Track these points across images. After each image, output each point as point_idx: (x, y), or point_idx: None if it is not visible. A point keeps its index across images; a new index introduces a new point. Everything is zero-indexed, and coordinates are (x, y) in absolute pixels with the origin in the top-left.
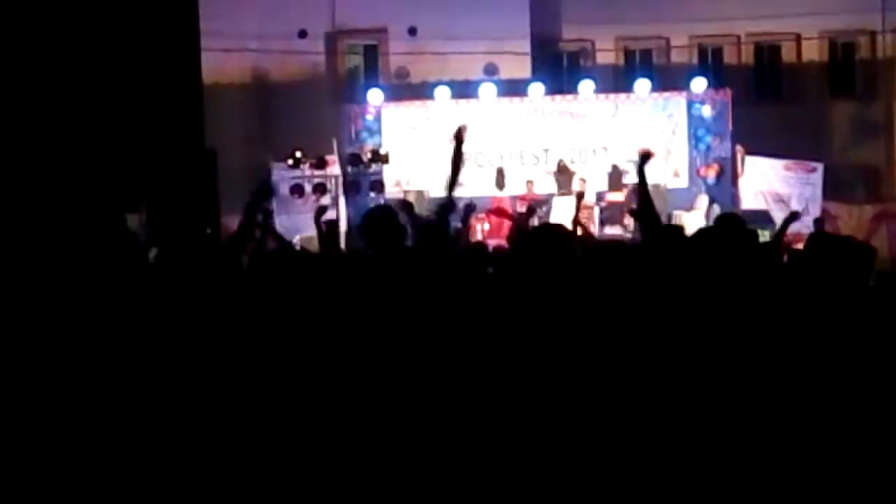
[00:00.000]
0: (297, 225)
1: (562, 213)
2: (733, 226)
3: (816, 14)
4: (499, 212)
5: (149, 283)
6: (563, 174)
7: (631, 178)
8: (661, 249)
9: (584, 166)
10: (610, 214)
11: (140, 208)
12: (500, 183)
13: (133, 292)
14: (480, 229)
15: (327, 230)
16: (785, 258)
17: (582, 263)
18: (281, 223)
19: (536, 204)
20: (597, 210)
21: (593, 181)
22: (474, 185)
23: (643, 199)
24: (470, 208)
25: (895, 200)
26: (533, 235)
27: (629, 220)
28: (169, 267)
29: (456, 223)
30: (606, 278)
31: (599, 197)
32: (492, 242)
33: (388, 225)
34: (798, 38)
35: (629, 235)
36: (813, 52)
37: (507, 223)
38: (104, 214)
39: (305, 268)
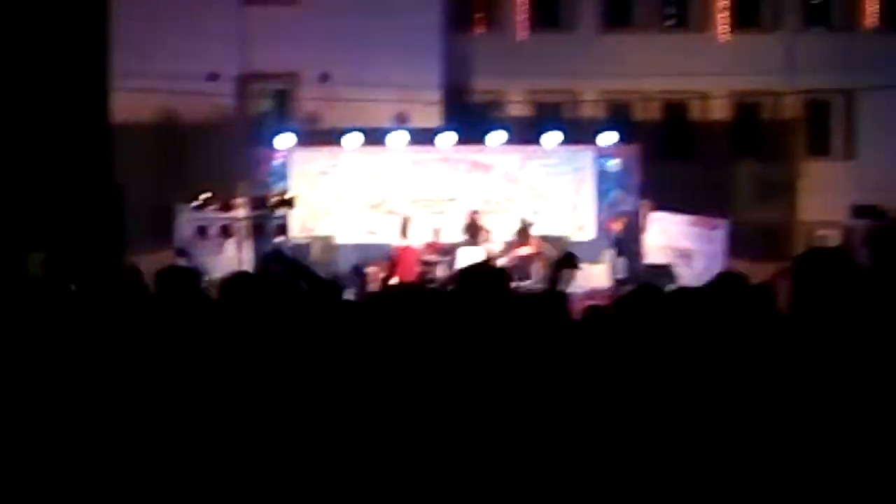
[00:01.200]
0: (202, 266)
1: (468, 263)
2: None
3: (723, 74)
4: (405, 259)
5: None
6: (472, 226)
7: (537, 231)
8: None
9: (492, 217)
10: (518, 266)
11: (43, 246)
12: (405, 231)
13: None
14: (383, 278)
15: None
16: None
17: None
18: (185, 264)
19: (442, 253)
20: (503, 261)
21: (500, 233)
22: (382, 233)
23: None
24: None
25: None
26: (473, 272)
27: (536, 273)
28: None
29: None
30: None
31: (507, 249)
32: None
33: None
34: (705, 97)
35: (538, 287)
36: (719, 110)
37: (413, 270)
38: (4, 254)
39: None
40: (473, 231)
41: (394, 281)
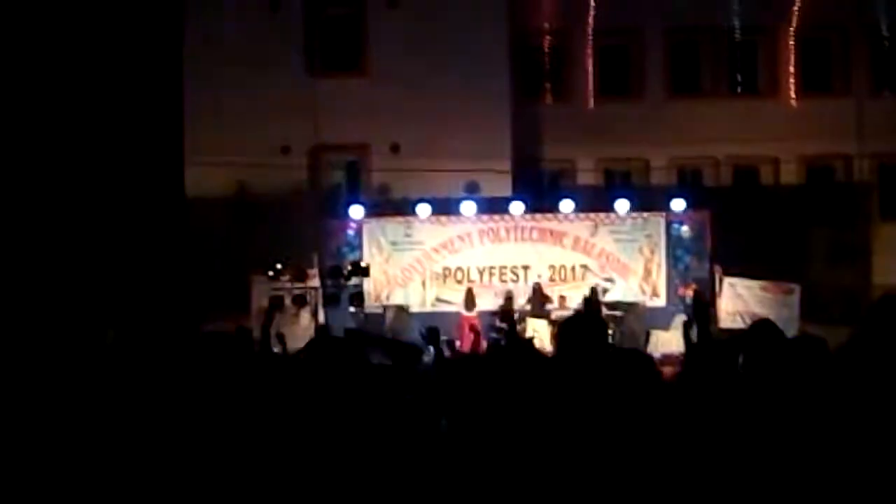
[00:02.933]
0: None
1: (534, 334)
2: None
3: (793, 138)
4: (464, 329)
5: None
6: (538, 296)
7: (612, 297)
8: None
9: (563, 284)
10: None
11: (119, 321)
12: (470, 304)
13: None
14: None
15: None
16: None
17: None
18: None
19: (511, 318)
20: None
21: (573, 299)
22: (452, 301)
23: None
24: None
25: None
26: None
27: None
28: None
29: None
30: None
31: None
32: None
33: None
34: (776, 162)
35: None
36: (790, 175)
37: (470, 338)
38: (84, 327)
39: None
40: (537, 300)
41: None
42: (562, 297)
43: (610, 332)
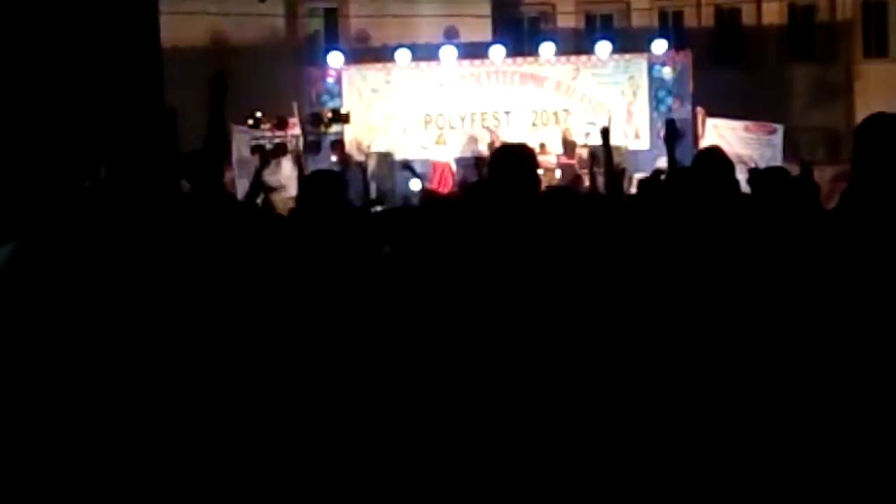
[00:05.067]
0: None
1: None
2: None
3: None
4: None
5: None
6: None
7: (591, 140)
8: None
9: (544, 129)
10: (565, 178)
11: (98, 172)
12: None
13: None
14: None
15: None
16: None
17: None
18: (242, 186)
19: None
20: (558, 173)
21: (553, 145)
22: (433, 149)
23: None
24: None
25: None
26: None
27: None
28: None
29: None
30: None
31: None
32: None
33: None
34: (758, 1)
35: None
36: (773, 15)
37: (448, 183)
38: (61, 182)
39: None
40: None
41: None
42: (542, 145)
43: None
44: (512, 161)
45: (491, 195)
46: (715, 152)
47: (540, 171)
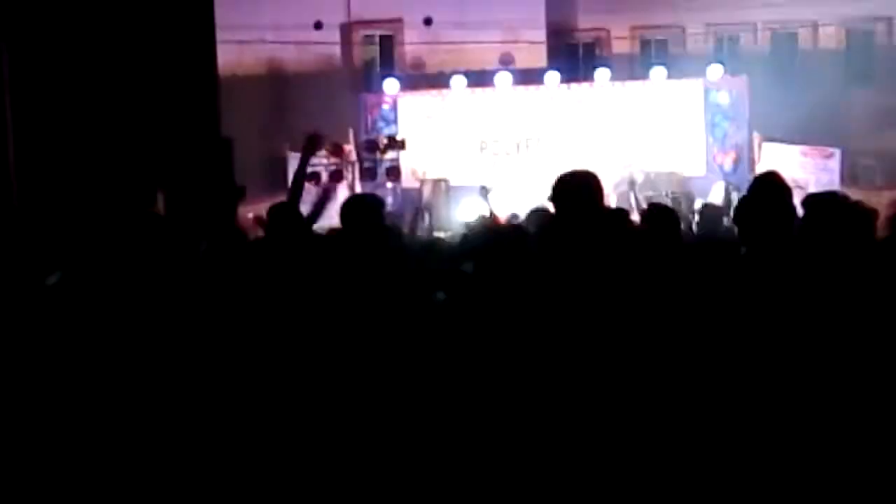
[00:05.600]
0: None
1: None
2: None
3: (833, 1)
4: None
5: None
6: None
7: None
8: None
9: (598, 155)
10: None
11: (156, 200)
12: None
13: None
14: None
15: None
16: None
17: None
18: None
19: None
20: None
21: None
22: (489, 174)
23: None
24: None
25: None
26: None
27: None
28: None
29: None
30: None
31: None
32: None
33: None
34: (815, 26)
35: None
36: (830, 39)
37: None
38: (120, 209)
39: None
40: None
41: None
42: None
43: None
44: (577, 189)
45: (557, 225)
46: (771, 177)
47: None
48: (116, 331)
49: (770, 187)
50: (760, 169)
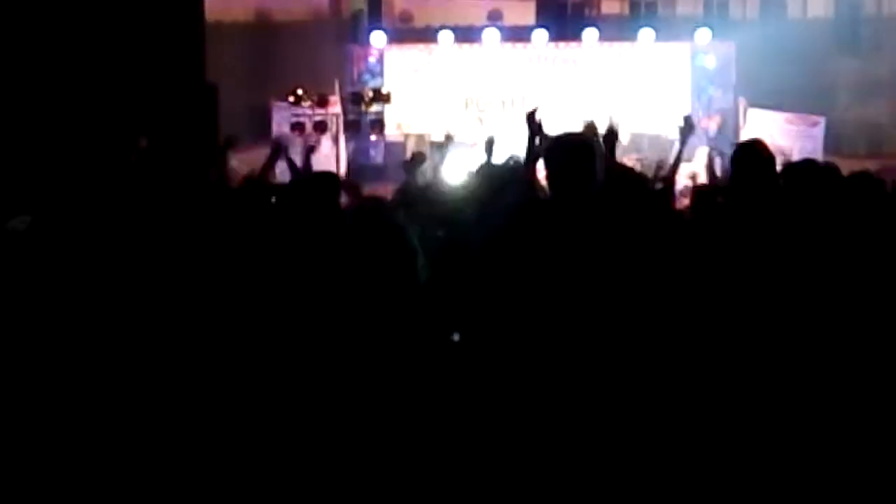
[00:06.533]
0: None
1: None
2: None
3: None
4: None
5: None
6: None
7: (631, 128)
8: None
9: (585, 113)
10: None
11: (139, 143)
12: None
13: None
14: None
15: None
16: None
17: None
18: (280, 167)
19: None
20: None
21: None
22: (473, 131)
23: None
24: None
25: None
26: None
27: None
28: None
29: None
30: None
31: None
32: None
33: None
34: None
35: None
36: (819, 7)
37: None
38: (102, 154)
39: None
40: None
41: None
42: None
43: (632, 163)
44: (573, 152)
45: (553, 190)
46: (756, 146)
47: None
48: (85, 280)
49: (754, 157)
50: (745, 134)
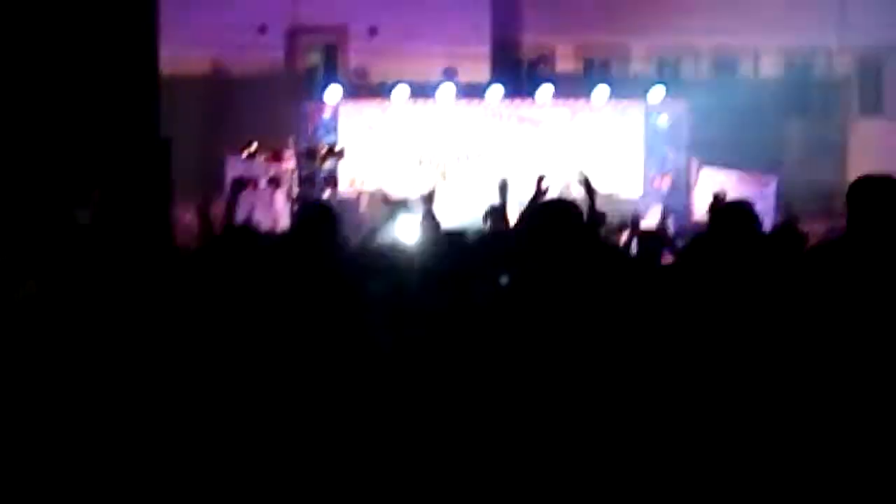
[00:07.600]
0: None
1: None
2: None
3: (774, 31)
4: None
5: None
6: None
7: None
8: None
9: (536, 173)
10: None
11: (91, 201)
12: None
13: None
14: None
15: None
16: None
17: None
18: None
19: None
20: None
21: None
22: (421, 186)
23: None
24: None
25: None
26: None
27: None
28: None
29: None
30: None
31: None
32: None
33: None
34: (756, 53)
35: None
36: (770, 67)
37: None
38: (52, 209)
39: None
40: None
41: None
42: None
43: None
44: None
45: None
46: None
47: None
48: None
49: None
50: (697, 193)
